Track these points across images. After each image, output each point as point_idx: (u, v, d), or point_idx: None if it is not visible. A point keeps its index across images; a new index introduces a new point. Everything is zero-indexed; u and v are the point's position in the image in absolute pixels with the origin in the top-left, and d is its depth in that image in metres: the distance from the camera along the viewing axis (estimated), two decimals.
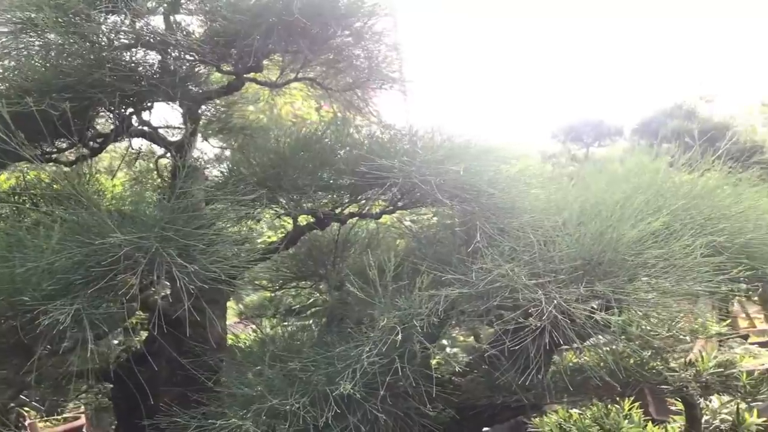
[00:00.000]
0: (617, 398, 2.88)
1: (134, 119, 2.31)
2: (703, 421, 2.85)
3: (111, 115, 2.15)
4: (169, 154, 2.46)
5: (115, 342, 2.81)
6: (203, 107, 2.48)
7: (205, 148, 2.76)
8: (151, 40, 2.04)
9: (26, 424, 5.61)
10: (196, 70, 2.18)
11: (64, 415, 6.16)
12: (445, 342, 4.97)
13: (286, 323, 3.67)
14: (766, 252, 1.97)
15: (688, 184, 2.07)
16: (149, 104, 2.18)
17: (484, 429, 3.46)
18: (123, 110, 2.14)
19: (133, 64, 2.02)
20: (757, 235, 1.96)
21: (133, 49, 2.04)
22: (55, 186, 1.99)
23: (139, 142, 2.70)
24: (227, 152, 2.67)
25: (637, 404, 2.98)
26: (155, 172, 2.69)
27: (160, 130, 2.51)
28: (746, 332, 6.45)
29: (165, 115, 2.55)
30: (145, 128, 2.35)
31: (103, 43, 1.91)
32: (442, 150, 2.03)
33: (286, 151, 2.20)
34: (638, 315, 2.39)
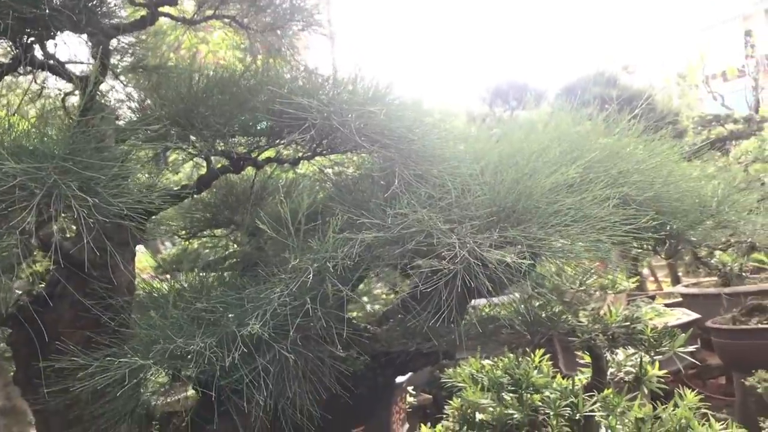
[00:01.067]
0: (528, 351, 2.97)
1: (38, 51, 2.16)
2: (608, 373, 2.97)
3: (9, 43, 2.01)
4: (77, 92, 2.33)
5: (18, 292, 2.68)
6: (114, 42, 2.34)
7: (117, 87, 2.62)
8: None
9: None
10: None
11: None
12: (365, 299, 5.00)
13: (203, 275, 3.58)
14: (675, 207, 2.04)
15: (604, 138, 2.11)
16: (53, 33, 2.03)
17: (399, 378, 3.51)
18: (23, 38, 2.00)
19: None
20: (666, 190, 2.03)
21: None
22: None
23: (44, 77, 2.55)
24: (140, 91, 2.55)
25: (547, 358, 3.07)
26: (62, 110, 2.54)
27: (69, 66, 2.37)
28: (653, 294, 6.78)
29: (73, 50, 2.41)
30: (51, 61, 2.21)
31: None
32: (363, 94, 1.99)
33: (199, 91, 2.12)
34: (550, 264, 2.46)
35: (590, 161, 1.87)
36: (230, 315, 1.55)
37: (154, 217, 2.25)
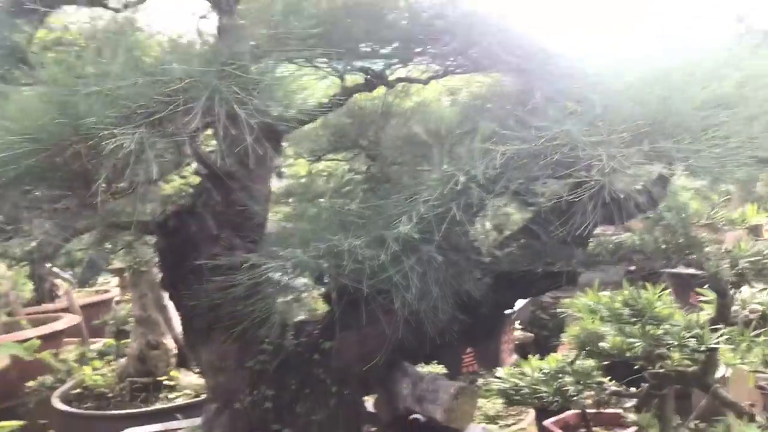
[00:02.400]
0: (645, 285, 2.90)
1: None
2: (731, 310, 2.87)
3: None
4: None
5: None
6: None
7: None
8: None
9: (61, 293, 5.83)
10: None
11: (95, 288, 6.39)
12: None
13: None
14: None
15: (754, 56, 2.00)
16: None
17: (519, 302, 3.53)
18: None
19: None
20: None
21: None
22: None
23: None
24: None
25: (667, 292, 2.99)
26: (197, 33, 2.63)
27: None
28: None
29: None
30: None
31: None
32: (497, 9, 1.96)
33: (335, 11, 2.14)
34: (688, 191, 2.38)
35: (743, 78, 1.78)
36: (375, 220, 1.60)
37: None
